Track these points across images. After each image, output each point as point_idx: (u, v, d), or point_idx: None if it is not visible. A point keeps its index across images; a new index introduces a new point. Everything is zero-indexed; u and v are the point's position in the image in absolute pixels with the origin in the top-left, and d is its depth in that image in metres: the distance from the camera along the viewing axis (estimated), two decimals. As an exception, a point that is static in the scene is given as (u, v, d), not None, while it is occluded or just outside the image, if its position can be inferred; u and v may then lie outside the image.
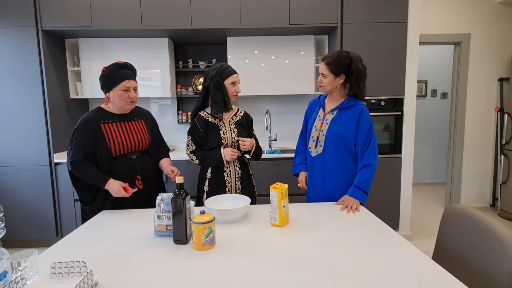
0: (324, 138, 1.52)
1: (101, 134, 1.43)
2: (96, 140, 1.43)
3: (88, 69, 2.77)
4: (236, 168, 1.65)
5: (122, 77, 1.43)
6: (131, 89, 1.45)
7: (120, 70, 1.44)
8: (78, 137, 1.43)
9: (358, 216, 1.30)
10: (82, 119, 1.45)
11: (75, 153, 1.43)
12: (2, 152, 2.56)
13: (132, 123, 1.53)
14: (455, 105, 3.40)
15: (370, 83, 2.60)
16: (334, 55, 1.47)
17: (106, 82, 1.43)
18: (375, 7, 2.54)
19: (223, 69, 1.59)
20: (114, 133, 1.46)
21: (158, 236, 1.13)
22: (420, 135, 4.55)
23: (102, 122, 1.45)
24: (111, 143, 1.43)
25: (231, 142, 1.63)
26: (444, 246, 1.16)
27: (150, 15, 2.50)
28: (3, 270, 0.74)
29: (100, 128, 1.44)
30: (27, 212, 2.63)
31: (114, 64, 1.44)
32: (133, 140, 1.49)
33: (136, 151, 1.52)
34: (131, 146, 1.49)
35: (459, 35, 3.27)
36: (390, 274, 0.84)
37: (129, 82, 1.44)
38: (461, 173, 3.46)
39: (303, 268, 0.88)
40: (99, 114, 1.48)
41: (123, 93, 1.44)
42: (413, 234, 2.85)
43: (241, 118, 1.70)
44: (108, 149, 1.43)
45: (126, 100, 1.45)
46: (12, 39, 2.47)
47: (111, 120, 1.48)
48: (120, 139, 1.45)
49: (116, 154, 1.45)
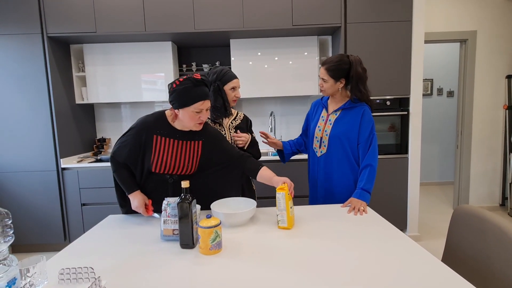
0: (328, 138, 1.54)
1: (151, 145, 1.31)
2: (143, 149, 1.32)
3: (93, 74, 2.80)
4: None
5: (198, 97, 1.22)
6: (203, 110, 1.26)
7: (196, 87, 1.22)
8: (129, 137, 1.33)
9: (365, 218, 1.28)
10: (141, 121, 1.34)
11: (118, 151, 1.35)
12: (10, 158, 2.60)
13: (188, 143, 1.35)
14: (462, 103, 3.35)
15: (375, 83, 2.59)
16: (335, 60, 1.48)
17: (178, 100, 1.23)
18: (379, 6, 2.53)
19: (223, 74, 1.55)
20: (163, 148, 1.32)
21: (164, 240, 1.12)
22: (427, 135, 4.50)
23: (157, 134, 1.31)
24: (155, 158, 1.31)
25: None
26: (454, 247, 1.14)
27: (153, 19, 2.52)
28: (12, 277, 0.74)
29: (152, 138, 1.31)
30: (35, 216, 2.66)
31: (190, 79, 1.22)
32: (178, 162, 1.33)
33: (175, 175, 1.35)
34: (173, 168, 1.33)
35: (465, 33, 3.23)
36: (400, 276, 0.82)
37: (204, 103, 1.24)
38: (469, 172, 3.40)
39: (312, 271, 0.87)
40: (160, 123, 1.33)
41: (194, 115, 1.25)
42: (421, 235, 2.81)
43: (241, 122, 1.67)
44: (149, 164, 1.31)
45: (196, 122, 1.28)
46: (18, 46, 2.51)
47: (167, 135, 1.32)
48: (165, 157, 1.31)
49: (155, 171, 1.33)
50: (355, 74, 1.45)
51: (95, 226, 1.31)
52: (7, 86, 2.54)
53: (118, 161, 1.36)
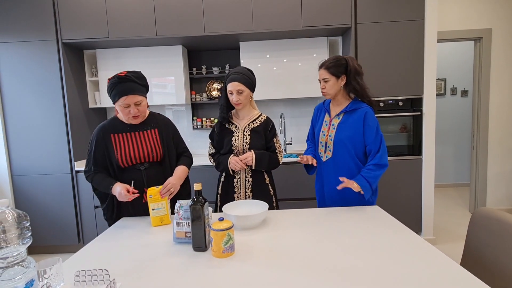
0: (333, 143, 1.53)
1: (111, 144, 1.42)
2: (107, 150, 1.43)
3: (105, 79, 2.85)
4: (246, 176, 1.59)
5: (120, 92, 1.32)
6: (132, 105, 1.35)
7: (119, 84, 1.32)
8: (91, 147, 1.45)
9: (379, 220, 1.26)
10: (96, 129, 1.46)
11: (87, 163, 1.46)
12: (27, 161, 2.67)
13: (143, 133, 1.46)
14: (477, 103, 3.26)
15: (386, 84, 2.56)
16: (331, 59, 1.52)
17: (109, 96, 1.38)
18: (390, 6, 2.49)
19: (228, 75, 1.55)
20: (123, 143, 1.43)
21: (177, 243, 1.13)
22: (440, 135, 4.39)
23: (113, 132, 1.44)
24: (118, 154, 1.41)
25: (242, 149, 1.57)
26: (474, 251, 1.10)
27: (164, 24, 2.55)
28: (30, 278, 0.75)
29: (110, 138, 1.43)
30: (50, 218, 2.72)
31: (115, 76, 1.33)
32: (142, 151, 1.43)
33: (146, 162, 1.45)
34: (139, 157, 1.43)
35: (479, 31, 3.15)
36: (418, 281, 0.80)
37: (127, 98, 1.33)
38: (486, 174, 3.30)
39: (326, 275, 0.85)
40: (112, 124, 1.46)
41: (123, 109, 1.37)
42: (436, 238, 2.74)
43: (259, 125, 1.60)
44: (116, 160, 1.41)
45: (127, 115, 1.39)
46: (35, 53, 2.58)
47: (122, 131, 1.44)
48: (127, 150, 1.42)
49: (124, 165, 1.42)
50: (352, 68, 1.49)
51: (109, 229, 1.32)
52: (24, 91, 2.61)
53: (89, 172, 1.45)
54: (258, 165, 1.55)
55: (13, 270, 0.72)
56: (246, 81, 1.52)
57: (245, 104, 1.58)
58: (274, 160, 1.61)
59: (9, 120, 2.64)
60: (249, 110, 1.63)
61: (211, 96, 3.13)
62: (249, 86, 1.54)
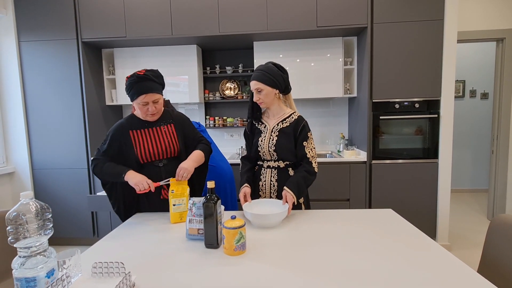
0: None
1: (130, 141, 1.43)
2: (125, 147, 1.43)
3: (122, 77, 2.92)
4: (272, 179, 1.49)
5: (139, 91, 1.35)
6: (150, 103, 1.38)
7: (138, 83, 1.35)
8: (105, 141, 1.45)
9: (393, 224, 1.24)
10: (114, 126, 1.47)
11: (97, 152, 1.45)
12: (47, 156, 2.77)
13: (160, 129, 1.48)
14: (498, 106, 3.15)
15: (403, 85, 2.50)
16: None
17: (128, 94, 1.39)
18: (408, 5, 2.44)
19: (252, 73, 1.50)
20: (141, 139, 1.44)
21: (190, 239, 1.14)
22: (457, 139, 4.26)
23: (131, 129, 1.45)
24: (138, 150, 1.42)
25: (268, 151, 1.47)
26: (492, 259, 1.07)
27: (180, 23, 2.59)
28: (51, 268, 0.78)
29: (129, 135, 1.44)
30: (67, 211, 2.81)
31: (134, 75, 1.35)
32: (160, 147, 1.44)
33: (164, 159, 1.47)
34: (158, 153, 1.44)
35: (501, 31, 3.03)
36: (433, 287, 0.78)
37: (146, 96, 1.35)
38: (506, 180, 3.18)
39: (338, 277, 0.84)
40: (130, 121, 1.48)
41: (142, 107, 1.39)
42: (451, 244, 2.67)
43: (289, 125, 1.47)
44: (136, 157, 1.42)
45: (145, 113, 1.41)
46: (56, 51, 2.67)
47: (140, 127, 1.46)
48: (146, 146, 1.42)
49: (144, 161, 1.43)
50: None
51: (123, 223, 1.36)
52: (45, 89, 2.71)
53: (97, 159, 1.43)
54: (300, 196, 1.42)
55: (35, 259, 0.76)
56: (264, 78, 1.44)
57: (269, 102, 1.48)
58: (308, 179, 1.44)
59: (31, 116, 2.74)
60: (278, 109, 1.52)
61: (224, 95, 3.15)
62: (269, 83, 1.44)
